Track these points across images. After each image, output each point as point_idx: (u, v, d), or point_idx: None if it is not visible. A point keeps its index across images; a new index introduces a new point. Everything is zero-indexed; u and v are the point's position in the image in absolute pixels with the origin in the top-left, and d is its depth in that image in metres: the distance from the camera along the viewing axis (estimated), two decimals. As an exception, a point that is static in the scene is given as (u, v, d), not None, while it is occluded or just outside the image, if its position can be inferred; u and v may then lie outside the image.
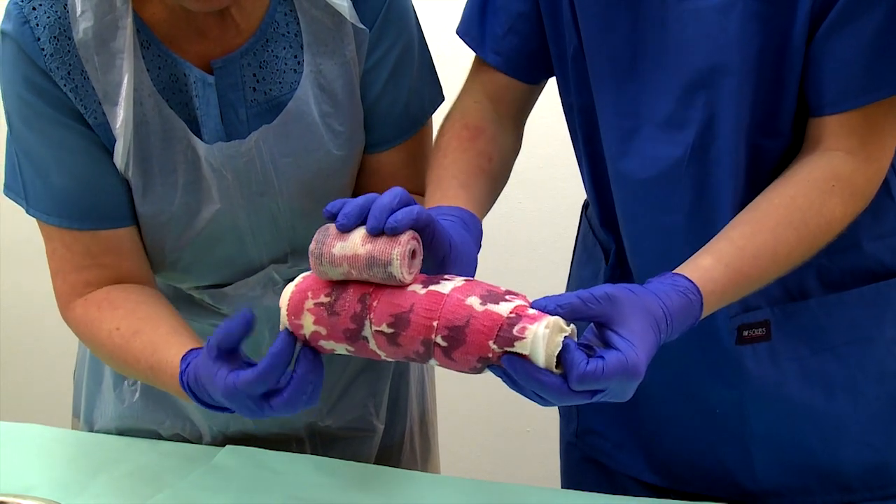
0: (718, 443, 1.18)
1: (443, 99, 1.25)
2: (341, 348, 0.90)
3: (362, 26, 1.14)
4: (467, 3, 1.21)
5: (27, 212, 1.14)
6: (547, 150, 1.80)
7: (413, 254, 0.88)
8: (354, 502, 1.13)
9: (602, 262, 1.24)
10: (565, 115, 1.21)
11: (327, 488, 1.16)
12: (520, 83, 1.20)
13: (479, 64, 1.22)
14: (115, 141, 1.10)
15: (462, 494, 1.15)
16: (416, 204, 0.89)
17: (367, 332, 0.87)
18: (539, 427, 2.26)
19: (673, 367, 1.14)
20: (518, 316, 0.82)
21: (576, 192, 1.31)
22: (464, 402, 1.68)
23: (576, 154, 1.22)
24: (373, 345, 0.88)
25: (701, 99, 1.04)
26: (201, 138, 1.12)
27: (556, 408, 1.35)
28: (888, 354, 1.13)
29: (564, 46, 1.14)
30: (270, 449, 1.24)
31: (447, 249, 0.92)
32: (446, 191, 1.08)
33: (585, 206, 1.33)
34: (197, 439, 1.32)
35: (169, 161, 1.12)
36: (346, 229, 0.87)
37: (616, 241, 1.20)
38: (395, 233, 0.86)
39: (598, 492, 1.17)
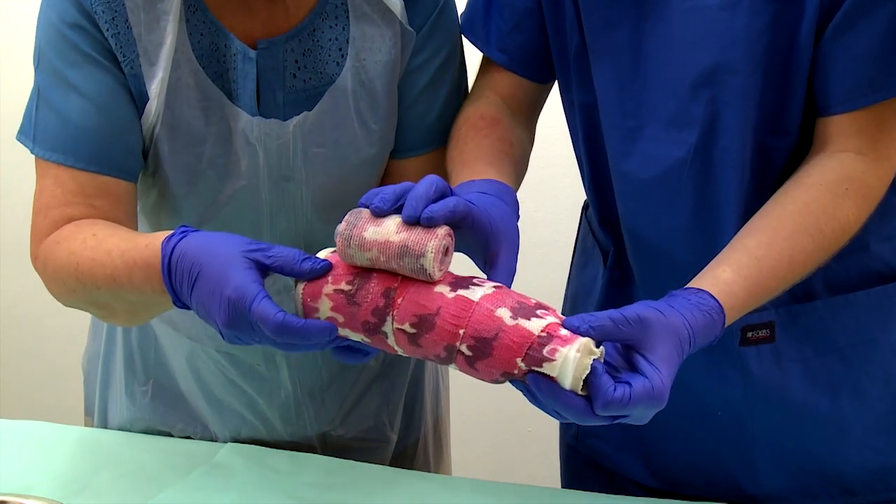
0: (720, 445, 1.17)
1: None
2: (356, 337, 0.88)
3: (410, 28, 1.14)
4: (469, 1, 1.20)
5: (32, 151, 1.10)
6: (548, 150, 1.79)
7: (446, 250, 0.86)
8: (356, 502, 1.13)
9: (601, 265, 1.23)
10: (566, 114, 1.21)
11: (330, 488, 1.16)
12: (527, 81, 1.19)
13: (486, 62, 1.21)
14: (147, 98, 1.09)
15: (464, 494, 1.15)
16: (453, 195, 0.87)
17: (387, 328, 0.85)
18: (540, 427, 2.24)
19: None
20: (549, 336, 0.81)
21: (576, 193, 1.30)
22: (465, 402, 1.68)
23: (576, 153, 1.22)
24: (391, 341, 0.86)
25: (705, 97, 1.03)
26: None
27: None
28: (894, 357, 1.12)
29: (566, 44, 1.14)
30: None
31: (488, 230, 0.90)
32: (474, 167, 1.06)
33: (585, 207, 1.32)
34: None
35: (199, 130, 1.11)
36: (380, 213, 0.86)
37: (615, 243, 1.19)
38: (431, 224, 0.84)
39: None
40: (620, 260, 1.19)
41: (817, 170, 1.02)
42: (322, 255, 0.90)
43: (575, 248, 1.33)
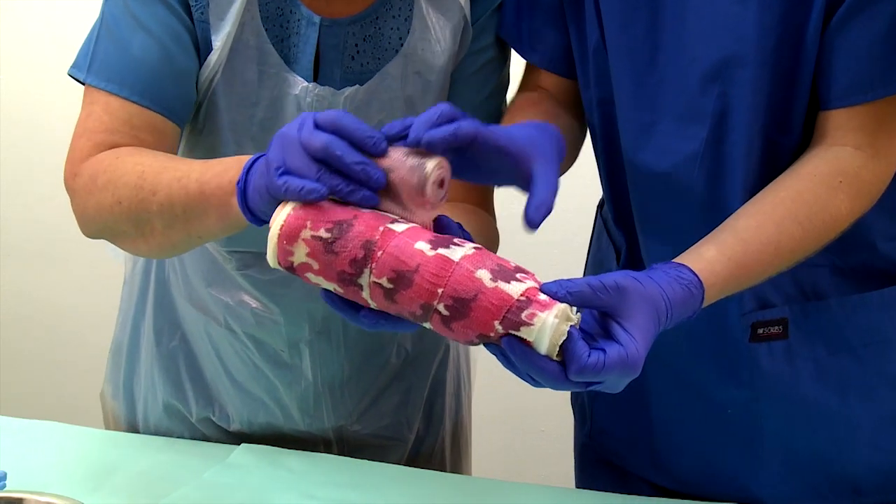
0: (728, 444, 1.17)
1: None
2: (328, 286, 0.86)
3: (470, 24, 1.15)
4: (504, 1, 1.20)
5: (84, 80, 1.10)
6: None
7: (442, 182, 0.86)
8: (370, 501, 1.13)
9: (615, 263, 1.23)
10: (585, 111, 1.21)
11: (343, 487, 1.16)
12: (563, 79, 1.20)
13: (528, 63, 1.22)
14: (211, 48, 1.10)
15: (476, 494, 1.15)
16: (461, 119, 0.87)
17: (363, 280, 0.83)
18: (553, 427, 2.25)
19: (684, 366, 1.14)
20: (528, 300, 0.81)
21: (589, 193, 1.30)
22: (476, 402, 1.68)
23: (594, 149, 1.22)
24: (366, 294, 0.84)
25: (715, 91, 1.04)
26: None
27: (571, 408, 1.36)
28: None
29: (586, 40, 1.14)
30: (297, 449, 1.23)
31: (510, 149, 0.88)
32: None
33: (600, 206, 1.32)
34: (225, 424, 1.30)
35: (253, 91, 1.11)
36: (389, 137, 0.85)
37: (628, 241, 1.19)
38: (431, 148, 0.84)
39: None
40: (633, 258, 1.19)
41: (814, 161, 1.02)
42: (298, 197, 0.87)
43: (589, 247, 1.33)
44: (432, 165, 0.85)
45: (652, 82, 1.08)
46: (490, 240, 1.16)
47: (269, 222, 0.87)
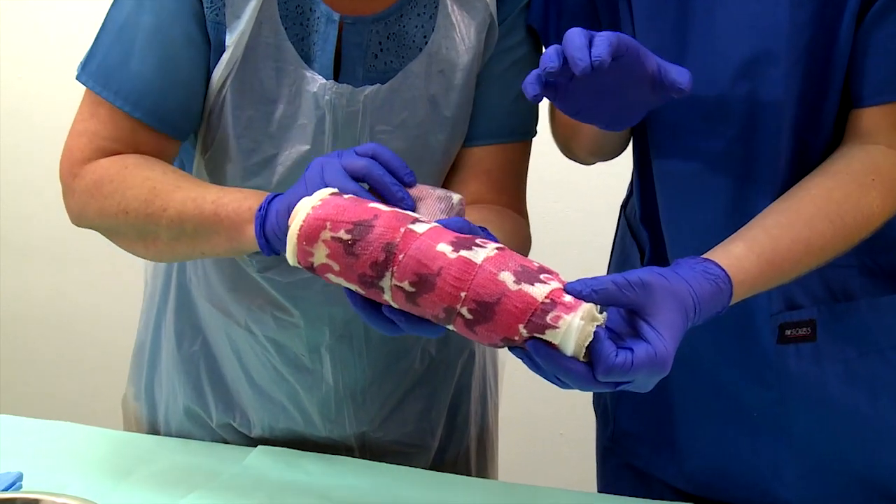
0: (754, 448, 1.16)
1: (536, 133, 1.23)
2: (350, 286, 0.86)
3: (497, 21, 1.14)
4: (532, 1, 1.20)
5: (86, 83, 1.10)
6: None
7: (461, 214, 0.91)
8: (387, 504, 1.12)
9: (639, 264, 1.22)
10: None
11: (360, 490, 1.15)
12: None
13: None
14: (223, 48, 1.09)
15: (496, 497, 1.14)
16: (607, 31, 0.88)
17: (385, 283, 0.83)
18: (572, 430, 2.24)
19: (709, 367, 1.13)
20: (553, 302, 0.80)
21: (610, 193, 1.30)
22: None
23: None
24: (388, 296, 0.84)
25: (744, 89, 1.03)
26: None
27: (590, 411, 1.36)
28: None
29: None
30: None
31: (655, 68, 0.94)
32: None
33: (624, 206, 1.31)
34: (246, 430, 1.30)
35: (271, 90, 1.10)
36: (547, 74, 0.89)
37: (652, 241, 1.18)
38: (602, 66, 0.86)
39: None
40: (658, 259, 1.18)
41: (845, 159, 1.01)
42: (324, 192, 0.88)
43: (613, 248, 1.33)
44: (458, 198, 0.90)
45: None
46: (522, 242, 1.16)
47: (280, 252, 0.91)
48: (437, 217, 0.90)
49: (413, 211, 0.91)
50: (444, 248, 0.82)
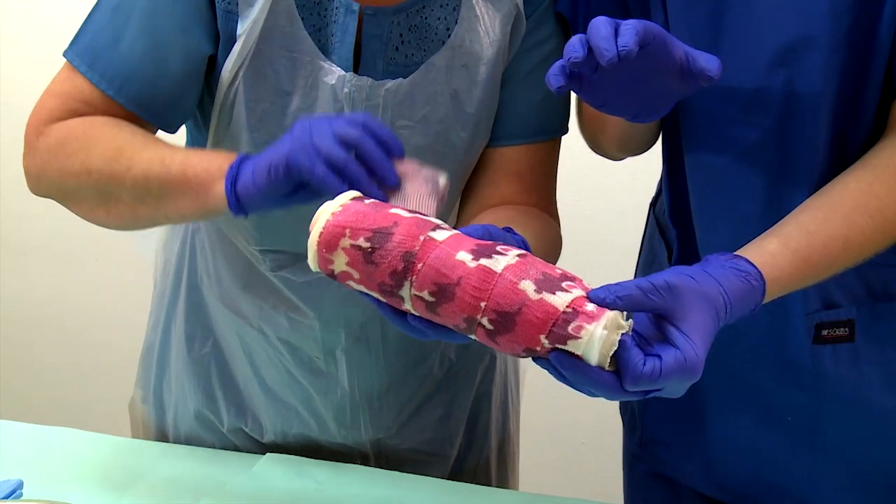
0: (788, 453, 1.13)
1: (567, 131, 1.21)
2: (371, 294, 0.86)
3: (524, 14, 1.12)
4: None
5: (68, 56, 1.08)
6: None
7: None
8: (402, 514, 1.13)
9: (667, 263, 1.20)
10: None
11: (373, 500, 1.15)
12: None
13: None
14: (234, 39, 1.07)
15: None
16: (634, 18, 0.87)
17: (405, 292, 0.83)
18: (595, 439, 2.23)
19: (742, 369, 1.12)
20: (575, 311, 0.78)
21: (634, 191, 1.27)
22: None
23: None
24: (408, 305, 0.84)
25: (781, 76, 1.01)
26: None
27: (610, 420, 1.34)
28: None
29: None
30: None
31: (683, 56, 0.92)
32: None
33: (653, 204, 1.30)
34: (258, 435, 1.28)
35: (286, 81, 1.08)
36: (573, 64, 0.87)
37: (681, 238, 1.16)
38: (629, 55, 0.84)
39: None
40: (687, 256, 1.15)
41: (886, 152, 0.99)
42: (345, 197, 0.87)
43: (641, 247, 1.31)
44: (445, 180, 0.89)
45: None
46: (551, 243, 1.14)
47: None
48: (423, 197, 0.90)
49: (398, 189, 0.92)
50: (464, 256, 0.81)
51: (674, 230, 1.17)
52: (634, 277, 1.29)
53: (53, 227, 2.33)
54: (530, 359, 0.82)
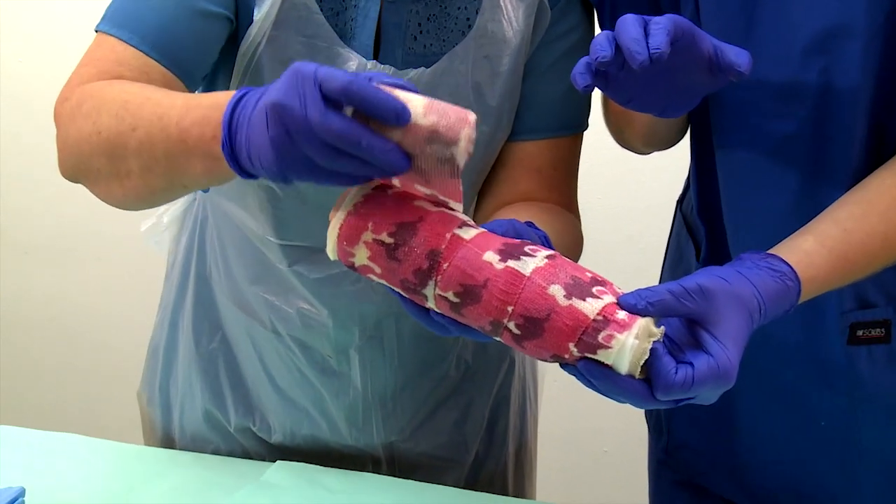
0: (822, 460, 1.11)
1: (588, 125, 1.19)
2: (393, 288, 0.83)
3: (547, 3, 1.10)
4: None
5: (97, 27, 1.04)
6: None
7: (471, 139, 0.76)
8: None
9: (694, 261, 1.18)
10: None
11: None
12: None
13: None
14: (251, 19, 1.04)
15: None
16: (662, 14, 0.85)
17: (428, 291, 0.80)
18: (618, 447, 2.22)
19: (773, 371, 1.09)
20: (605, 320, 0.76)
21: (658, 189, 1.25)
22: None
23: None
24: (431, 304, 0.81)
25: (817, 65, 0.98)
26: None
27: (634, 428, 1.32)
28: None
29: (679, 14, 1.08)
30: (342, 467, 1.20)
31: (711, 50, 0.90)
32: None
33: (680, 202, 1.28)
34: (266, 435, 1.27)
35: None
36: (606, 58, 0.84)
37: (709, 235, 1.14)
38: (661, 57, 0.82)
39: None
40: (715, 255, 1.13)
41: None
42: (367, 187, 0.82)
43: (668, 246, 1.29)
44: (463, 145, 0.75)
45: None
46: (573, 241, 1.12)
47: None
48: (436, 172, 0.77)
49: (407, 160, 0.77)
50: (492, 256, 0.79)
51: (702, 228, 1.15)
52: (661, 276, 1.28)
53: (55, 225, 2.32)
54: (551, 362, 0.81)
